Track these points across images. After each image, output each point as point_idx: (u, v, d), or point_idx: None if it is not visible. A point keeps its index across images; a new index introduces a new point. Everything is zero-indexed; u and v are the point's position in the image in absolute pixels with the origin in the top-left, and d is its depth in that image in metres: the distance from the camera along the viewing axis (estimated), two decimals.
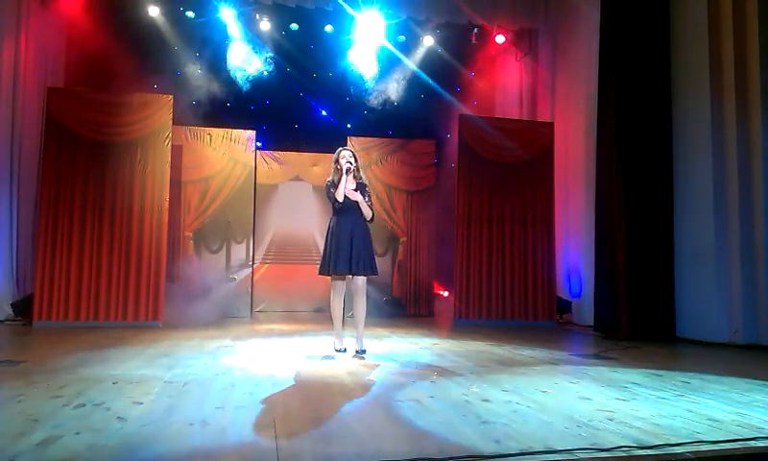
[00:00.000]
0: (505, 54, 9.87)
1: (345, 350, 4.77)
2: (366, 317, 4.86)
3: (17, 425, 2.47)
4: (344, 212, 4.66)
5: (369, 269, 4.65)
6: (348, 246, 4.58)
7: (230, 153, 8.54)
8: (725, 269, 5.93)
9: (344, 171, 4.63)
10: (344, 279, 4.74)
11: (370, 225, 4.81)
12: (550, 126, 8.31)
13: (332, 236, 4.65)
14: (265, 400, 3.07)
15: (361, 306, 4.76)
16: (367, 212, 4.73)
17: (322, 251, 4.84)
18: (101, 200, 6.72)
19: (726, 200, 5.98)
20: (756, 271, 5.77)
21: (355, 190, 4.72)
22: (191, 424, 2.54)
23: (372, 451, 2.20)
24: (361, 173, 4.86)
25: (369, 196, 4.79)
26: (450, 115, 9.55)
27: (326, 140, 9.51)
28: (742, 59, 5.94)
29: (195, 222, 8.43)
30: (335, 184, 4.66)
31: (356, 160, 4.77)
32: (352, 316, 4.99)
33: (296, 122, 10.25)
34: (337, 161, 4.75)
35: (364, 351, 4.69)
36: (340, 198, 4.60)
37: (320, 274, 4.77)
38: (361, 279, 4.70)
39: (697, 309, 6.12)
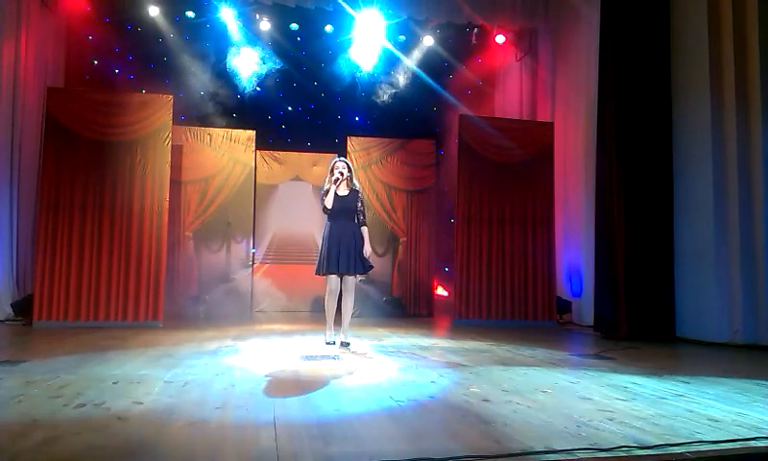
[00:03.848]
0: (505, 54, 9.88)
1: (334, 342, 5.17)
2: (366, 317, 5.03)
3: (17, 425, 2.46)
4: (336, 217, 5.05)
5: (358, 268, 5.06)
6: (339, 248, 4.97)
7: (230, 153, 8.54)
8: (725, 269, 5.92)
9: (332, 182, 5.04)
10: (337, 279, 5.07)
11: (366, 227, 5.19)
12: (550, 126, 8.31)
13: (326, 240, 5.04)
14: (265, 400, 3.07)
15: (349, 304, 5.16)
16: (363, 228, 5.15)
17: (318, 252, 5.23)
18: (101, 200, 6.71)
19: (726, 200, 5.97)
20: (756, 271, 5.77)
21: (347, 195, 5.07)
22: (191, 424, 2.54)
23: (372, 451, 2.20)
24: (355, 181, 5.27)
25: (362, 202, 5.19)
26: (450, 115, 9.55)
27: (326, 140, 9.55)
28: (742, 59, 5.94)
29: (195, 222, 8.43)
30: (327, 193, 5.07)
31: (350, 170, 5.20)
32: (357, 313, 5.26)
33: (296, 122, 10.25)
34: (332, 171, 5.12)
35: (348, 344, 5.10)
36: (329, 205, 5.02)
37: (315, 274, 5.16)
38: (351, 279, 5.11)
39: (697, 309, 6.12)
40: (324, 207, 5.05)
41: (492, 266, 7.88)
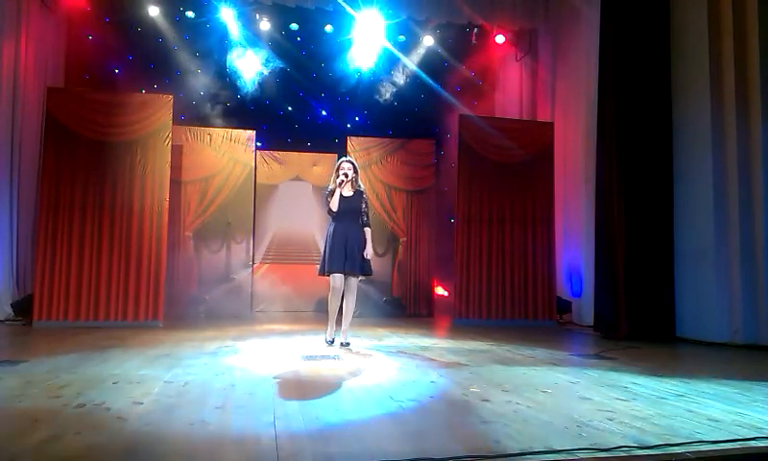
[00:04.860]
0: (505, 54, 9.88)
1: (333, 342, 5.17)
2: (366, 317, 5.02)
3: (17, 425, 2.47)
4: (340, 218, 5.04)
5: (362, 270, 5.06)
6: (343, 249, 4.96)
7: (230, 153, 8.55)
8: (725, 269, 5.92)
9: (337, 184, 5.03)
10: (341, 278, 5.03)
11: (369, 228, 5.19)
12: (550, 126, 8.31)
13: (330, 240, 5.02)
14: (265, 400, 3.07)
15: (350, 304, 5.17)
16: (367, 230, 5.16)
17: (321, 253, 5.22)
18: (101, 200, 6.71)
19: (726, 200, 5.98)
20: (756, 271, 5.77)
21: (352, 196, 5.10)
22: (191, 424, 2.54)
23: (372, 451, 2.20)
24: (360, 182, 5.26)
25: (366, 203, 5.18)
26: (450, 115, 9.55)
27: (326, 140, 9.55)
28: (742, 59, 5.94)
29: (195, 222, 8.44)
30: (332, 194, 5.06)
31: (356, 171, 5.19)
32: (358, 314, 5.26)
33: (296, 122, 10.25)
34: (337, 171, 5.12)
35: (348, 344, 5.09)
36: (334, 208, 5.01)
37: (318, 274, 5.15)
38: (354, 280, 5.11)
39: (697, 309, 6.12)
40: (330, 210, 5.05)
41: (492, 266, 7.88)
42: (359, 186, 5.20)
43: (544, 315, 7.88)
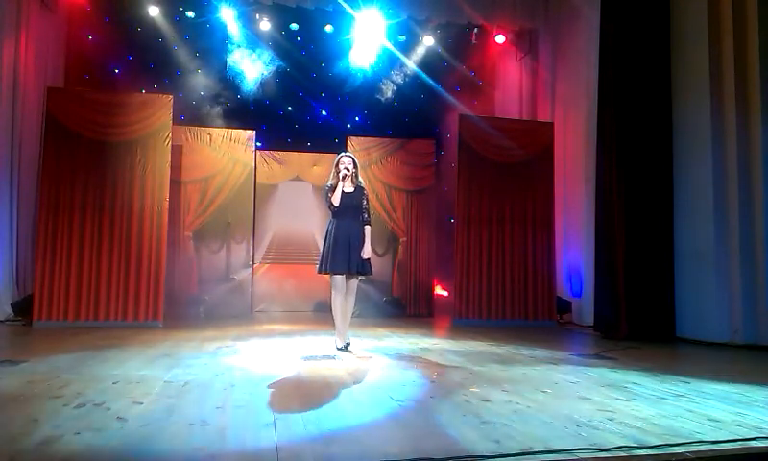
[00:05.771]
0: (505, 54, 9.88)
1: (346, 347, 4.99)
2: (366, 317, 4.97)
3: (17, 425, 2.47)
4: (341, 215, 4.94)
5: (364, 269, 4.96)
6: (345, 247, 4.86)
7: (230, 153, 8.55)
8: (725, 269, 5.92)
9: (340, 178, 4.93)
10: (343, 278, 4.95)
11: (369, 226, 5.09)
12: (550, 126, 8.31)
13: (331, 238, 4.92)
14: (265, 400, 3.07)
15: (350, 304, 5.09)
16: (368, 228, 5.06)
17: (321, 250, 5.12)
18: (101, 200, 6.71)
19: (726, 200, 5.98)
20: (756, 271, 5.77)
21: (353, 192, 5.00)
22: (191, 424, 2.54)
23: (372, 451, 2.20)
24: (360, 178, 5.15)
25: (366, 200, 5.09)
26: (450, 115, 9.56)
27: (326, 140, 9.55)
28: (742, 59, 5.94)
29: (195, 222, 8.44)
30: (333, 189, 4.95)
31: (355, 166, 5.07)
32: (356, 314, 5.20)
33: (296, 122, 10.25)
34: (337, 166, 5.02)
35: (348, 344, 5.00)
36: (336, 202, 4.89)
37: (318, 272, 5.04)
38: (354, 280, 5.04)
39: (697, 309, 6.12)
40: (331, 204, 4.92)
41: (492, 266, 7.88)
42: (359, 182, 5.11)
43: (544, 315, 7.88)
